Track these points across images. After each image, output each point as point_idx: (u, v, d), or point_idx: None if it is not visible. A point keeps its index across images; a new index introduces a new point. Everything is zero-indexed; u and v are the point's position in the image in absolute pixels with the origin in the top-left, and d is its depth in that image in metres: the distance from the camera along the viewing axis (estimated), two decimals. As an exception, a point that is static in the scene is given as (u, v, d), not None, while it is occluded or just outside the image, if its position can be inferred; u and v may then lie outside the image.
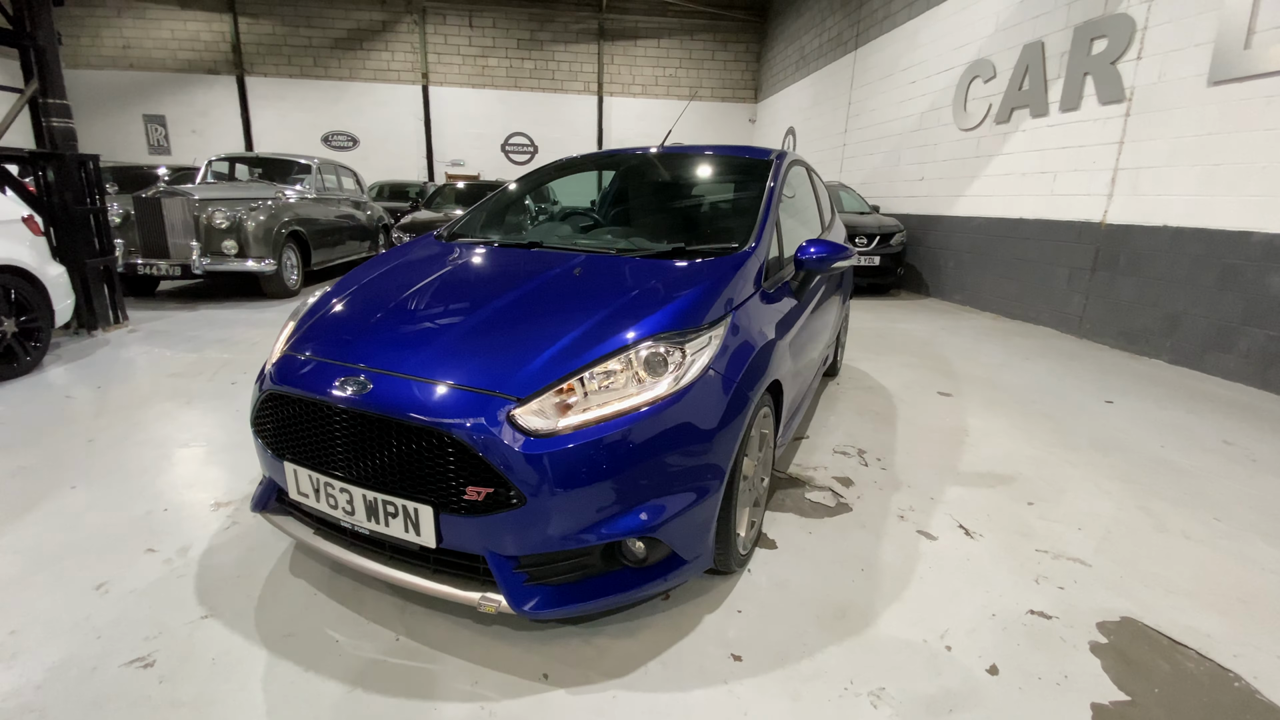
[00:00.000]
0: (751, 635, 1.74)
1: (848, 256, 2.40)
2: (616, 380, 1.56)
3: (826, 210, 3.79)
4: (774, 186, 2.56)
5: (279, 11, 14.27)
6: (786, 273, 2.39)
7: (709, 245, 2.24)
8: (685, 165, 3.14)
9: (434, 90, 15.04)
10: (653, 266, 2.06)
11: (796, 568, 2.07)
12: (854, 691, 1.55)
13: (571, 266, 2.09)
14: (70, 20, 13.73)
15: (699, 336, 1.72)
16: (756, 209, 2.40)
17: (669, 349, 1.65)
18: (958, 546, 2.23)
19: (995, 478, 2.81)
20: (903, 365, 4.70)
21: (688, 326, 1.72)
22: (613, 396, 1.53)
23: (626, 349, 1.61)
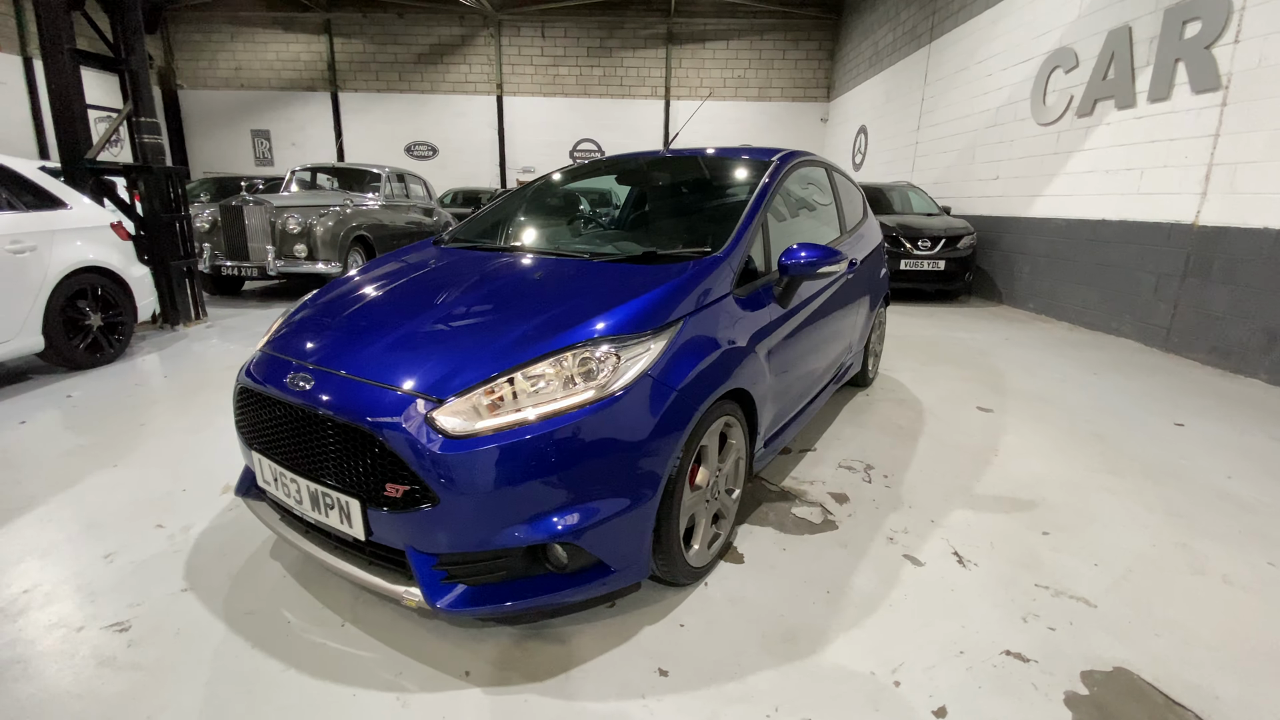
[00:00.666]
0: (687, 651, 1.68)
1: (836, 261, 2.28)
2: (546, 384, 1.56)
3: (853, 212, 3.62)
4: (765, 189, 2.47)
5: (369, 31, 15.28)
6: (771, 278, 2.30)
7: (682, 250, 2.19)
8: (681, 169, 3.09)
9: (507, 100, 15.61)
10: (616, 271, 2.04)
11: (759, 585, 1.98)
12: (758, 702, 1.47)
13: (534, 270, 2.11)
14: (191, 46, 15.32)
15: (638, 343, 1.68)
16: (740, 212, 2.33)
17: (603, 354, 1.63)
18: (945, 575, 2.06)
19: (1014, 502, 2.58)
20: (947, 377, 4.41)
21: (628, 332, 1.70)
22: (539, 400, 1.53)
23: (558, 353, 1.61)
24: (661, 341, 1.72)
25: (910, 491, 2.65)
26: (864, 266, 3.46)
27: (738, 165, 2.81)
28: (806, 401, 2.82)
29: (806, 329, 2.57)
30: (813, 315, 2.62)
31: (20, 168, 3.83)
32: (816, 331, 2.71)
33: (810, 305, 2.58)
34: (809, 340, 2.62)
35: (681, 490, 1.75)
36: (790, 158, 2.84)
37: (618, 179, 3.25)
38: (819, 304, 2.69)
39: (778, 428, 2.50)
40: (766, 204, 2.43)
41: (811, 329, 2.64)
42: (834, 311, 2.94)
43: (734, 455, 2.08)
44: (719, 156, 2.99)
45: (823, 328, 2.80)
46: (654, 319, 1.76)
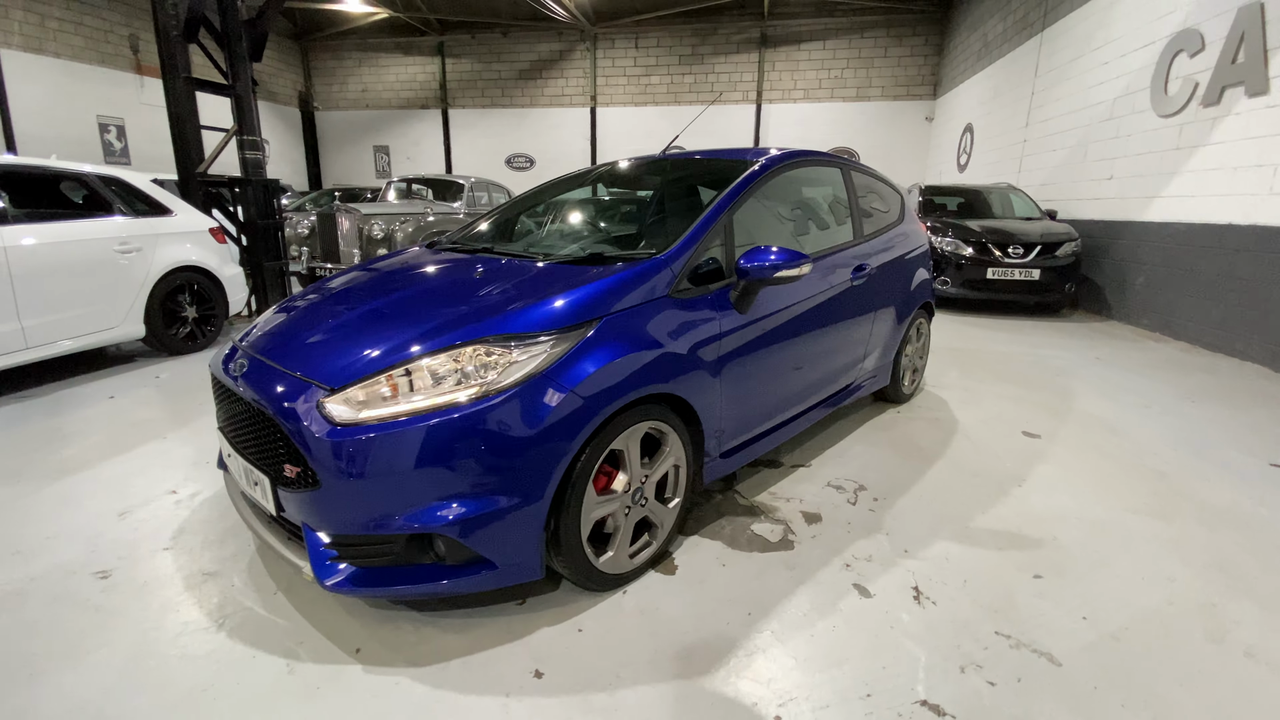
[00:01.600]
0: (573, 656, 1.66)
1: (797, 266, 2.14)
2: (435, 379, 1.61)
3: (878, 215, 3.38)
4: (734, 191, 2.37)
5: (476, 51, 16.33)
6: (729, 282, 2.20)
7: (625, 251, 2.17)
8: (664, 173, 3.04)
9: (600, 111, 16.04)
10: (551, 272, 2.05)
11: (680, 598, 1.91)
12: (623, 737, 1.41)
13: (477, 270, 2.17)
14: (326, 72, 17.14)
15: (535, 342, 1.69)
16: (698, 215, 2.25)
17: (494, 352, 1.65)
18: (892, 610, 1.87)
19: (1015, 539, 2.28)
20: (1003, 397, 3.98)
21: (528, 331, 1.71)
22: (426, 394, 1.58)
23: (452, 349, 1.65)
24: (566, 343, 1.71)
25: (896, 517, 2.43)
26: (886, 274, 3.22)
27: (720, 168, 2.72)
28: (791, 415, 2.67)
29: (785, 337, 2.44)
30: (793, 322, 2.48)
31: (134, 179, 4.49)
32: (803, 341, 2.56)
33: (786, 312, 2.44)
34: (789, 350, 2.48)
35: (582, 494, 1.73)
36: (779, 160, 2.71)
37: (606, 184, 3.25)
38: (802, 311, 2.54)
39: (743, 440, 2.40)
40: (733, 206, 2.33)
41: (794, 338, 2.50)
42: (834, 320, 2.76)
43: (668, 463, 2.02)
44: (705, 159, 2.92)
45: (815, 337, 2.64)
46: (561, 320, 1.75)
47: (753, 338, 2.27)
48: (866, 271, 3.00)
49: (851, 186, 3.18)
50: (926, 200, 8.50)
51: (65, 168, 4.11)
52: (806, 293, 2.56)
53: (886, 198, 3.60)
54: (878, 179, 3.57)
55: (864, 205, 3.28)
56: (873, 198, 3.43)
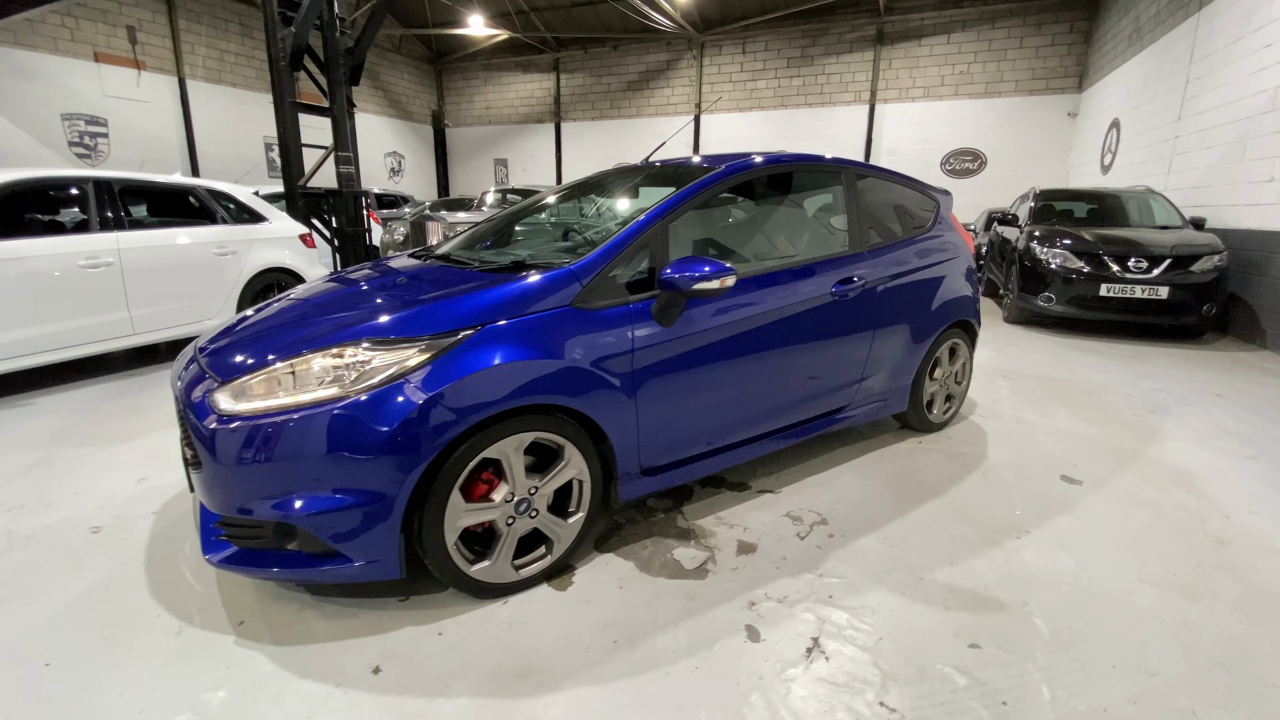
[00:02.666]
0: (418, 659, 1.68)
1: (712, 279, 2.01)
2: (306, 378, 1.71)
3: (894, 223, 3.08)
4: (674, 201, 2.28)
5: (589, 65, 16.97)
6: (651, 296, 2.12)
7: (543, 260, 2.15)
8: (628, 182, 2.94)
9: (705, 118, 15.99)
10: (461, 279, 2.10)
11: (556, 616, 1.86)
12: (411, 746, 1.40)
13: (403, 277, 2.26)
14: (455, 91, 18.66)
15: (404, 347, 1.74)
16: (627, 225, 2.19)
17: (360, 355, 1.72)
18: (772, 658, 1.70)
19: (974, 600, 1.97)
20: (1059, 433, 3.45)
21: (400, 335, 1.76)
22: (291, 392, 1.69)
23: (325, 350, 1.74)
24: (434, 350, 1.74)
25: (843, 558, 2.19)
26: (897, 288, 2.92)
27: (679, 176, 2.61)
28: (748, 437, 2.51)
29: (731, 354, 2.30)
30: (742, 338, 2.33)
31: (237, 192, 5.19)
32: (758, 359, 2.39)
33: (731, 327, 2.29)
34: (738, 368, 2.33)
35: (445, 499, 1.75)
36: (739, 168, 2.55)
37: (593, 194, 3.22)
38: (757, 326, 2.37)
39: (677, 459, 2.29)
40: (670, 216, 2.24)
41: (745, 355, 2.35)
42: (806, 338, 2.55)
43: (565, 477, 1.98)
44: (668, 168, 2.81)
45: (777, 355, 2.46)
46: (435, 326, 1.79)
47: (681, 353, 2.16)
48: (858, 285, 2.73)
49: (853, 193, 2.92)
50: (1042, 206, 7.57)
51: (179, 182, 4.84)
52: (762, 307, 2.39)
53: (912, 205, 3.26)
54: (904, 184, 3.25)
55: (872, 213, 2.99)
56: (888, 205, 3.12)
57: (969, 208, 13.09)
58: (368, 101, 16.66)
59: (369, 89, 16.66)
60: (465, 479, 1.82)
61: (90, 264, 4.05)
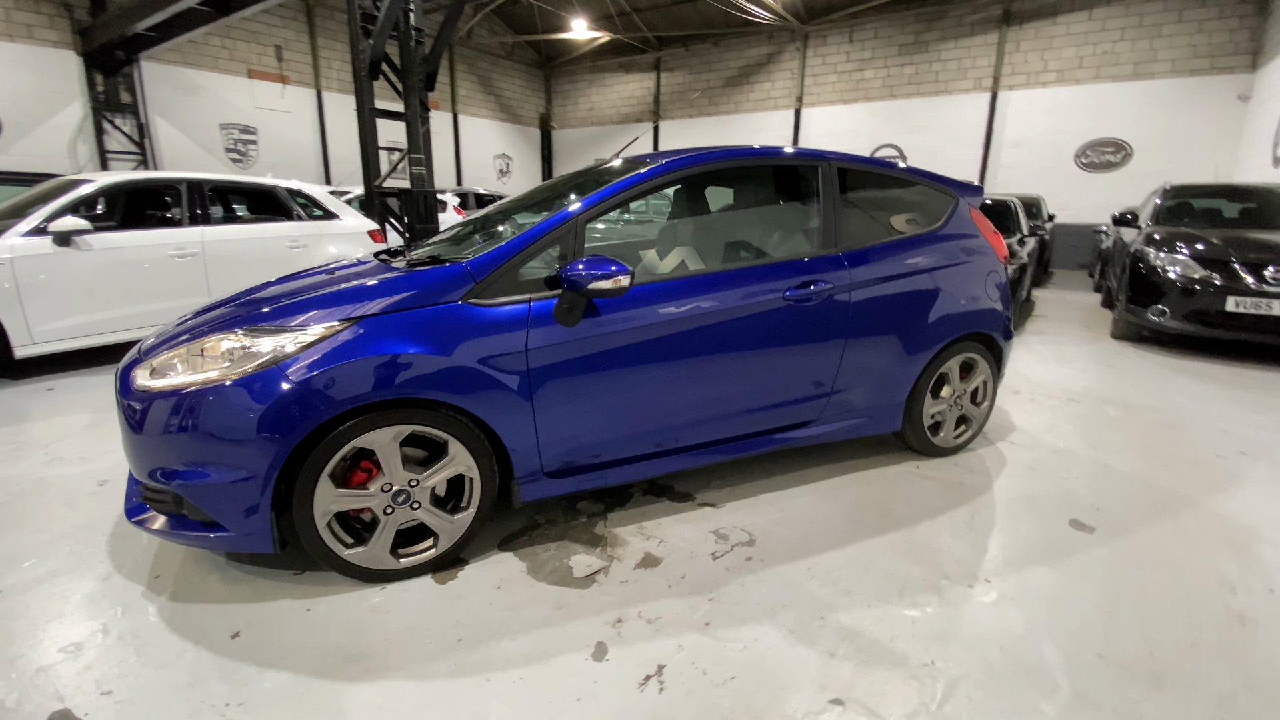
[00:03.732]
0: (275, 630, 1.77)
1: (607, 279, 1.92)
2: (198, 361, 1.86)
3: (886, 219, 2.78)
4: (587, 201, 2.21)
5: (689, 63, 16.88)
6: (554, 295, 2.07)
7: (453, 257, 2.17)
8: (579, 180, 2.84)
9: (805, 112, 15.34)
10: (369, 271, 2.17)
11: (419, 608, 1.89)
12: (214, 704, 1.48)
13: (338, 273, 2.37)
14: (562, 95, 19.33)
15: (281, 335, 1.83)
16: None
17: (244, 342, 1.84)
18: (600, 680, 1.61)
19: (870, 649, 1.74)
20: (1094, 467, 2.95)
21: (279, 323, 1.86)
22: (179, 374, 1.84)
23: (216, 336, 1.88)
24: (311, 339, 1.82)
25: (748, 585, 2.02)
26: (882, 292, 2.64)
27: (610, 175, 2.50)
28: (672, 447, 2.38)
29: (654, 359, 2.20)
30: (666, 341, 2.21)
31: (312, 191, 5.74)
32: (684, 365, 2.27)
33: (651, 330, 2.18)
34: (657, 374, 2.23)
35: (313, 484, 1.82)
36: (678, 164, 2.42)
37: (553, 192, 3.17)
38: (684, 330, 2.24)
39: (591, 463, 2.23)
40: (586, 213, 2.18)
41: (672, 360, 2.24)
42: (748, 345, 2.38)
43: (449, 472, 2.00)
44: (616, 165, 2.71)
45: (711, 362, 2.32)
46: (317, 318, 1.87)
47: (587, 354, 2.10)
48: (823, 290, 2.50)
49: (830, 190, 2.66)
50: (1174, 204, 6.51)
51: (260, 182, 5.44)
52: (689, 311, 2.25)
53: (916, 202, 2.93)
54: (907, 178, 2.92)
55: (858, 211, 2.72)
56: (881, 202, 2.82)
57: (1106, 207, 11.52)
58: (480, 107, 17.73)
59: (481, 94, 17.72)
60: (346, 465, 1.89)
61: (178, 254, 4.67)
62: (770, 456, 3.00)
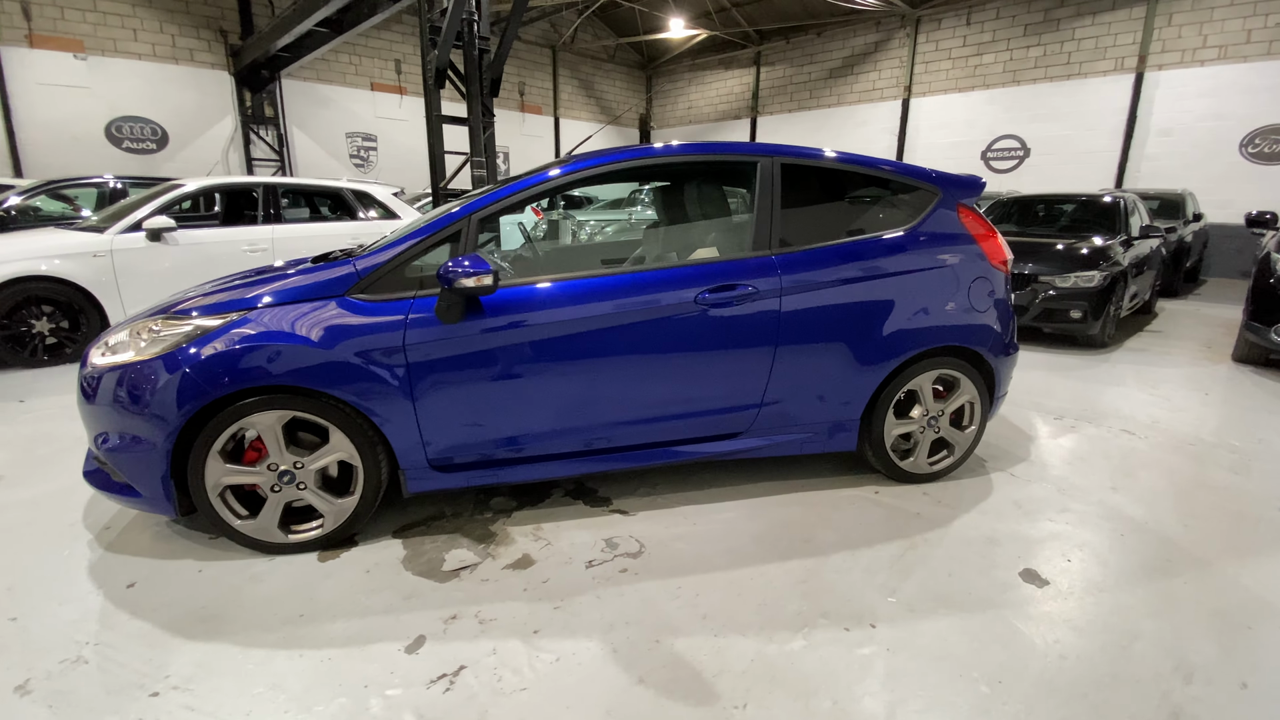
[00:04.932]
0: (165, 585, 1.97)
1: (469, 276, 1.93)
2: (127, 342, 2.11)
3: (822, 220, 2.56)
4: (479, 201, 2.24)
5: (790, 56, 16.28)
6: (435, 292, 2.11)
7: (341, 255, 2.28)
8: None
9: (914, 102, 14.24)
10: (294, 268, 2.33)
11: (288, 581, 2.01)
12: (80, 639, 1.69)
13: (272, 269, 2.56)
14: (663, 94, 19.41)
15: (183, 323, 2.04)
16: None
17: (156, 328, 2.06)
18: (397, 672, 1.63)
19: (686, 681, 1.63)
20: (1099, 512, 2.52)
21: (186, 315, 2.06)
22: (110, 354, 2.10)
23: (146, 321, 2.12)
24: (203, 329, 2.01)
25: (604, 598, 1.96)
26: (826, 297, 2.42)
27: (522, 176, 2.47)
28: (572, 450, 2.34)
29: (539, 360, 2.18)
30: (555, 344, 2.19)
31: (376, 193, 6.24)
32: (576, 367, 2.23)
33: (538, 329, 2.16)
34: (547, 375, 2.21)
35: (204, 459, 2.01)
36: (590, 164, 2.36)
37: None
38: (574, 333, 2.20)
39: (476, 460, 2.26)
40: (476, 212, 2.20)
41: (562, 363, 2.21)
42: (646, 350, 2.28)
43: (335, 457, 2.11)
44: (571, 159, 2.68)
45: (602, 366, 2.25)
46: (211, 310, 2.07)
47: (469, 352, 2.13)
48: (745, 293, 2.33)
49: (770, 187, 2.47)
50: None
51: (330, 185, 6.01)
52: (578, 313, 2.20)
53: (882, 199, 2.65)
54: (873, 171, 2.63)
55: (804, 209, 2.52)
56: (835, 199, 2.58)
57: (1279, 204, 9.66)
58: (581, 110, 18.28)
59: (583, 97, 18.26)
60: (239, 444, 2.07)
61: (250, 249, 5.29)
62: (713, 467, 2.86)
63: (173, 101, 11.48)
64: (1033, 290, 5.36)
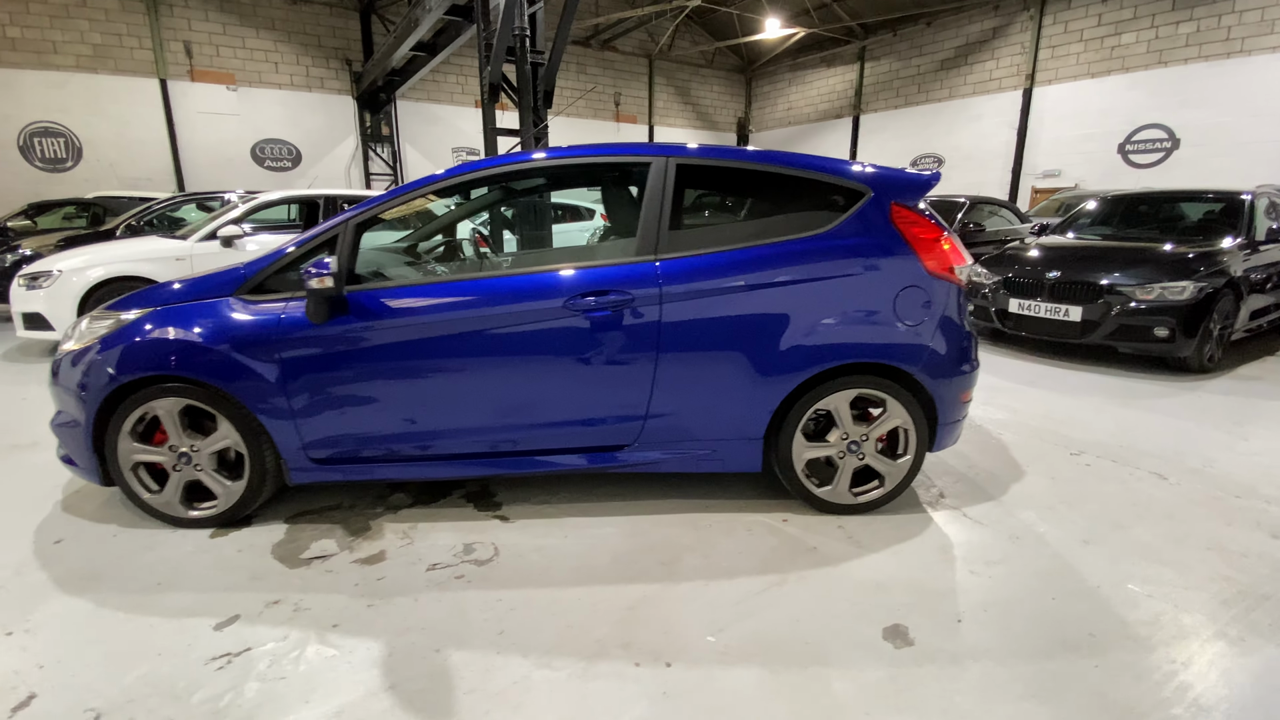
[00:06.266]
0: (83, 544, 2.26)
1: (312, 279, 2.02)
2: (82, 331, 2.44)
3: (722, 224, 2.37)
4: (359, 207, 2.32)
5: (897, 49, 15.24)
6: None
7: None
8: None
9: (1037, 92, 12.75)
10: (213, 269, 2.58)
11: (172, 551, 2.21)
12: (-34, 592, 2.00)
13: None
14: (762, 97, 18.97)
15: (111, 317, 2.32)
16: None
17: (100, 319, 2.36)
18: (196, 647, 1.75)
19: (432, 690, 1.60)
20: (1042, 565, 2.12)
21: (118, 308, 2.36)
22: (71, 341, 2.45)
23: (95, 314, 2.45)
24: (122, 323, 2.28)
25: (423, 602, 1.97)
26: (708, 309, 2.26)
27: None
28: (448, 453, 2.37)
29: (402, 361, 2.25)
30: (419, 346, 2.23)
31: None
32: (442, 371, 2.26)
33: (401, 332, 2.22)
34: (411, 377, 2.26)
35: (117, 436, 2.28)
36: (464, 170, 2.37)
37: None
38: (438, 335, 2.23)
39: (351, 456, 2.36)
40: (354, 217, 2.30)
41: (427, 366, 2.26)
42: (511, 354, 2.26)
43: (223, 444, 2.30)
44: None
45: (469, 371, 2.27)
46: (129, 303, 2.33)
47: (334, 352, 2.23)
48: (620, 299, 2.24)
49: (659, 190, 2.34)
50: None
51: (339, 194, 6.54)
52: (452, 316, 2.23)
53: (795, 202, 2.41)
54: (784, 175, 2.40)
55: (705, 213, 2.36)
56: (740, 202, 2.39)
57: None
58: (676, 117, 18.36)
59: (678, 104, 18.33)
60: (149, 424, 2.33)
61: (309, 254, 5.89)
62: (624, 479, 2.77)
63: (306, 124, 13.07)
64: (1105, 303, 4.61)
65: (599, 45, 16.44)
